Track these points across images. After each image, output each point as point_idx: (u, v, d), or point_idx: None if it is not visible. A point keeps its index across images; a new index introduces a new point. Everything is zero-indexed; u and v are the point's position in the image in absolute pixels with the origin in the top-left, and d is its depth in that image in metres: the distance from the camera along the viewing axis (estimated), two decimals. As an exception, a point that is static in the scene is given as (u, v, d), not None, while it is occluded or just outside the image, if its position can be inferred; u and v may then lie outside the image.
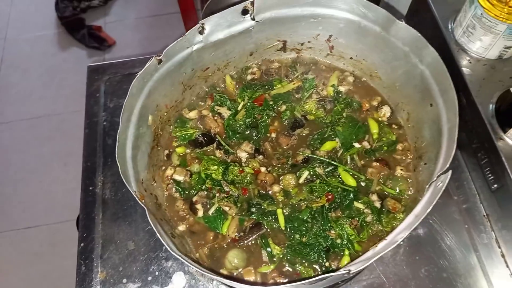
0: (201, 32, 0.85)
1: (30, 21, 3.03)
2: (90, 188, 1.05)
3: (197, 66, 0.94)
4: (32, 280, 2.07)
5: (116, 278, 0.93)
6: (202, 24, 0.84)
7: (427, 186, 0.71)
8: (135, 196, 0.68)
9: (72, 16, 2.87)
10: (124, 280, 0.93)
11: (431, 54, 0.77)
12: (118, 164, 0.69)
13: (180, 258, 0.62)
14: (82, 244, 0.98)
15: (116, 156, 0.70)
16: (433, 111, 0.80)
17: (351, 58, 0.98)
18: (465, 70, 0.94)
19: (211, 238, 0.86)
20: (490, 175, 0.92)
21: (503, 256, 0.91)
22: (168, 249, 0.63)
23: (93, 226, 1.00)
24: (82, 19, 2.90)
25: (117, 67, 1.25)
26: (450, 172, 0.66)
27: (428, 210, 0.63)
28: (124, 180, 0.68)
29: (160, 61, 0.81)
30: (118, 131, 0.73)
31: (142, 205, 0.66)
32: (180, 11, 2.44)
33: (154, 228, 0.63)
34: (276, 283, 0.78)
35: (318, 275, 0.77)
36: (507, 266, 0.90)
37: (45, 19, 3.02)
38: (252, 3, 0.81)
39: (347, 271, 0.60)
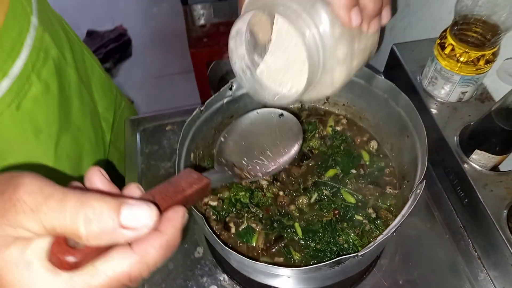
0: (230, 88, 1.11)
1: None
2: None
3: (225, 114, 1.19)
4: None
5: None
6: (232, 82, 1.10)
7: (410, 195, 0.94)
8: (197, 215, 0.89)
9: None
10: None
11: (404, 99, 1.01)
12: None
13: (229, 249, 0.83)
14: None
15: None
16: (410, 141, 1.04)
17: (343, 104, 1.18)
18: (433, 111, 1.14)
19: (245, 249, 1.06)
20: (461, 192, 1.10)
21: (479, 258, 1.09)
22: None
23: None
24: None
25: (149, 120, 1.49)
26: (424, 181, 0.90)
27: (410, 209, 0.86)
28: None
29: (201, 111, 1.06)
30: (176, 162, 0.96)
31: (199, 215, 0.88)
32: (188, 72, 2.74)
33: (211, 235, 0.85)
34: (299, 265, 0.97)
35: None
36: (483, 266, 1.08)
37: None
38: None
39: (356, 255, 0.81)
